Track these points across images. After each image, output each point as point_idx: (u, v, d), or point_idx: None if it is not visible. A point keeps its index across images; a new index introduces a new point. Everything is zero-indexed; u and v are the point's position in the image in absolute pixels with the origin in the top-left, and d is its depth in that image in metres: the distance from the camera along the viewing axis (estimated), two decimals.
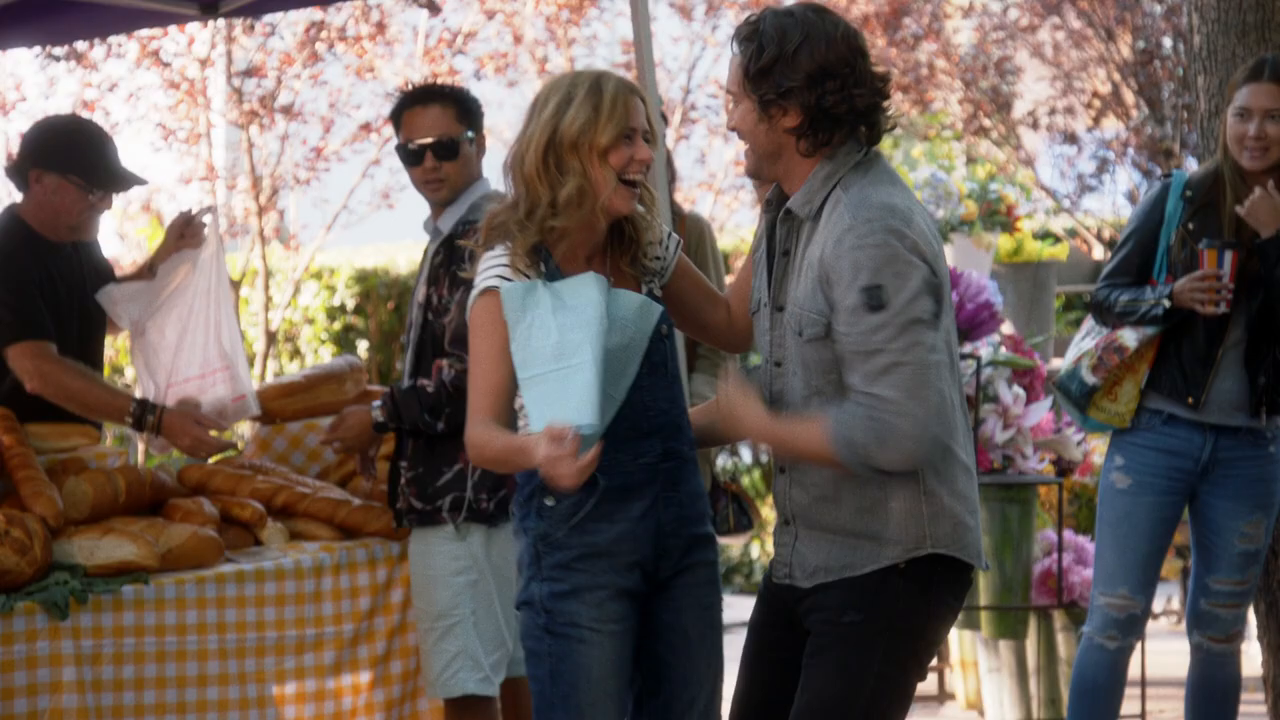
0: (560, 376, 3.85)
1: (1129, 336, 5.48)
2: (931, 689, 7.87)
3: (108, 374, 5.86)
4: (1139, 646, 6.42)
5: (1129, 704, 6.05)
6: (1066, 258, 9.51)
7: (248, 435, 6.33)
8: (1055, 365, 7.79)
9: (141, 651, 4.95)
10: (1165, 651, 7.98)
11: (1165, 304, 5.36)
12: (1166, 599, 9.69)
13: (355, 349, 12.55)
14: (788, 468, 3.97)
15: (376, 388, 6.26)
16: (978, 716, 7.52)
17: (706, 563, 4.13)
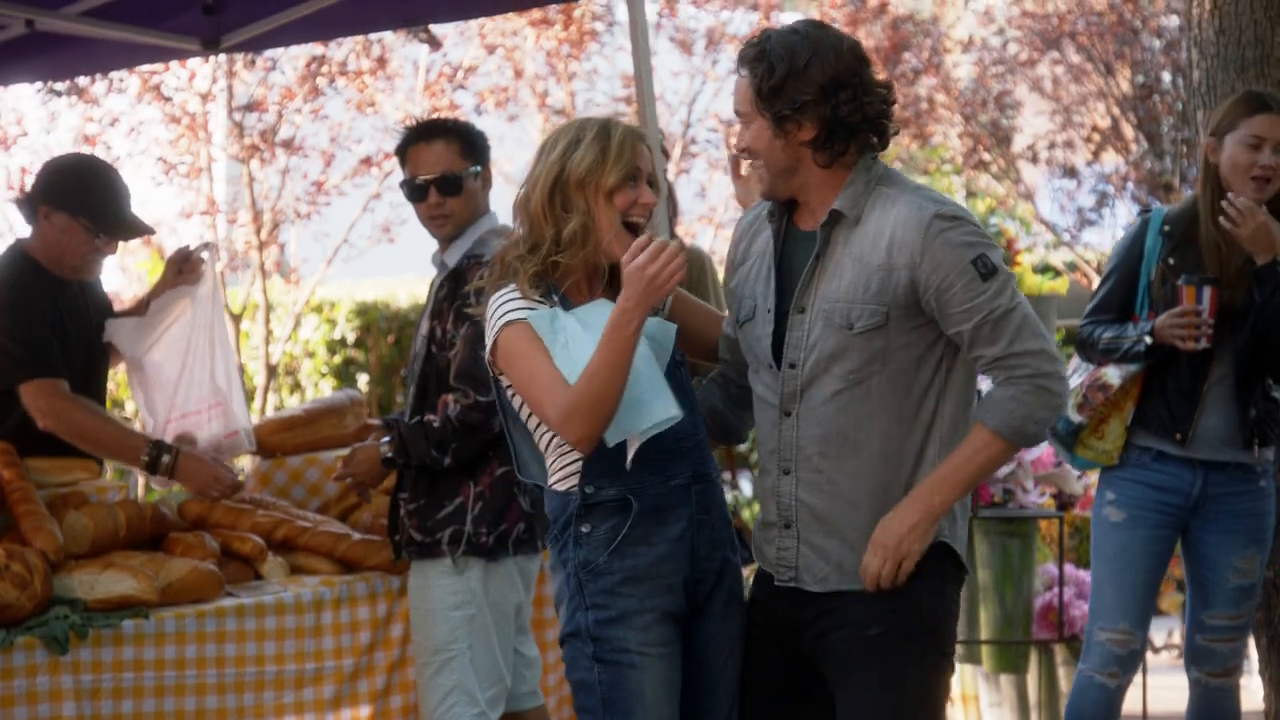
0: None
1: (1112, 374, 5.48)
2: None
3: (109, 407, 5.85)
4: (1139, 681, 6.41)
5: None
6: (1066, 291, 9.52)
7: (248, 469, 6.33)
8: None
9: (141, 686, 4.94)
10: (1167, 686, 7.96)
11: (1146, 341, 5.36)
12: (1168, 633, 9.67)
13: (355, 382, 12.55)
14: (794, 469, 3.99)
15: (377, 421, 6.26)
16: None
17: (734, 592, 4.14)
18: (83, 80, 10.67)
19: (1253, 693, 6.19)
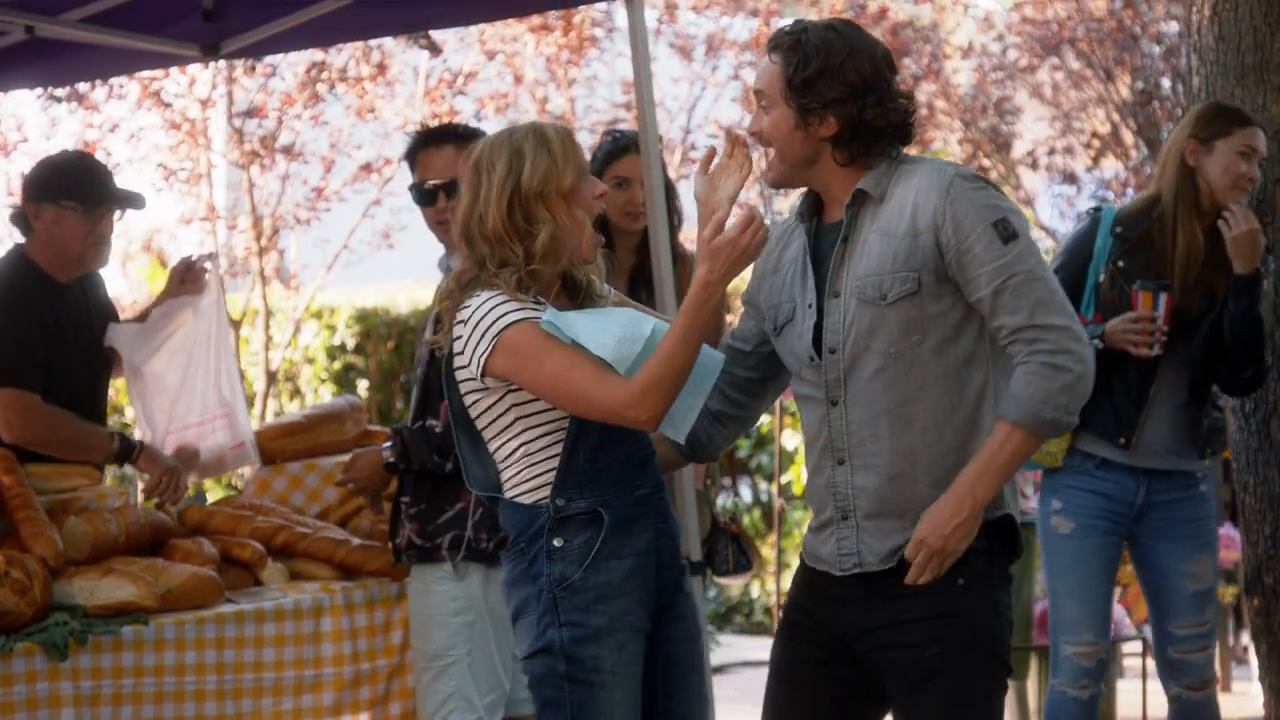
0: (653, 342, 3.91)
1: None
2: None
3: (109, 413, 5.85)
4: (1139, 686, 6.40)
5: None
6: None
7: (248, 475, 6.33)
8: None
9: (141, 693, 4.94)
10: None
11: (1097, 344, 5.35)
12: None
13: (355, 388, 12.55)
14: (848, 458, 3.98)
15: (377, 427, 6.26)
16: None
17: (687, 593, 4.16)
18: (83, 86, 10.67)
19: (1253, 698, 6.19)
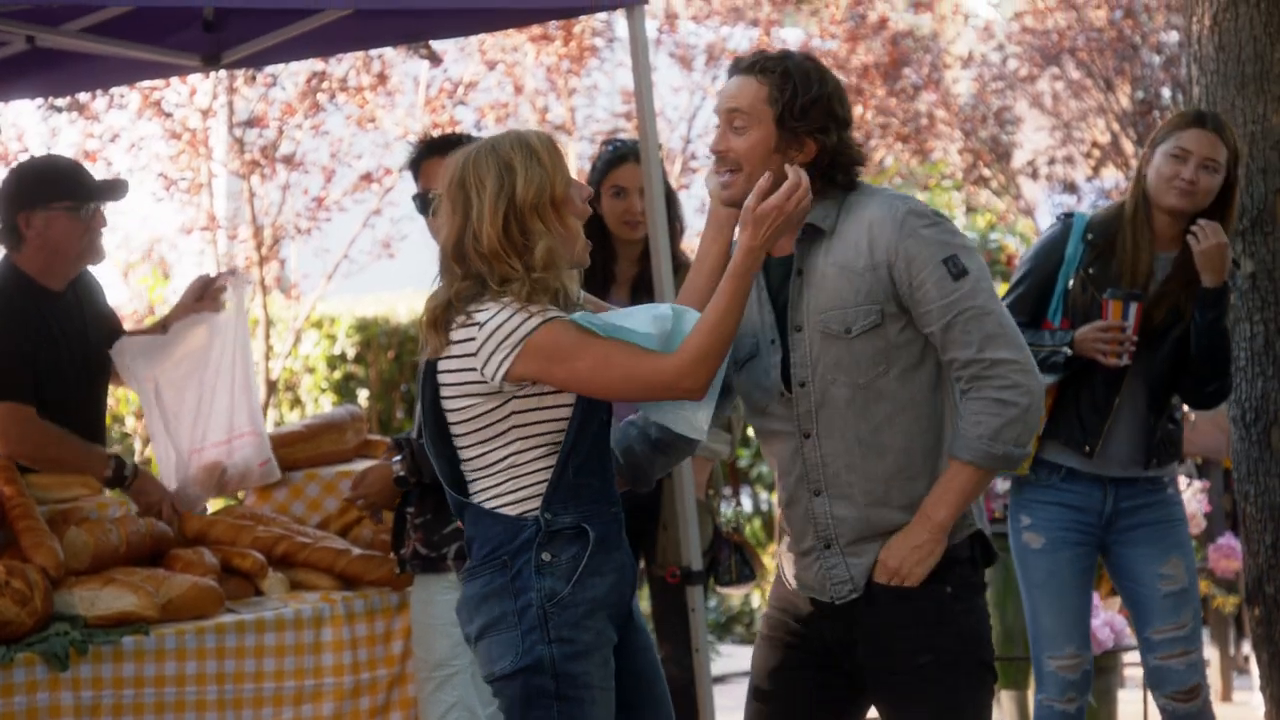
0: (681, 318, 3.93)
1: None
2: None
3: (109, 423, 5.85)
4: (1139, 695, 6.39)
5: None
6: None
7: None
8: None
9: (141, 703, 4.94)
10: None
11: (1066, 351, 5.35)
12: None
13: (355, 398, 12.54)
14: (824, 488, 4.01)
15: (377, 437, 6.26)
16: None
17: (637, 604, 4.17)
18: (83, 96, 10.67)
19: (1254, 709, 6.18)
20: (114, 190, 5.61)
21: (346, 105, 11.59)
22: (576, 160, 12.56)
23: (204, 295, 5.75)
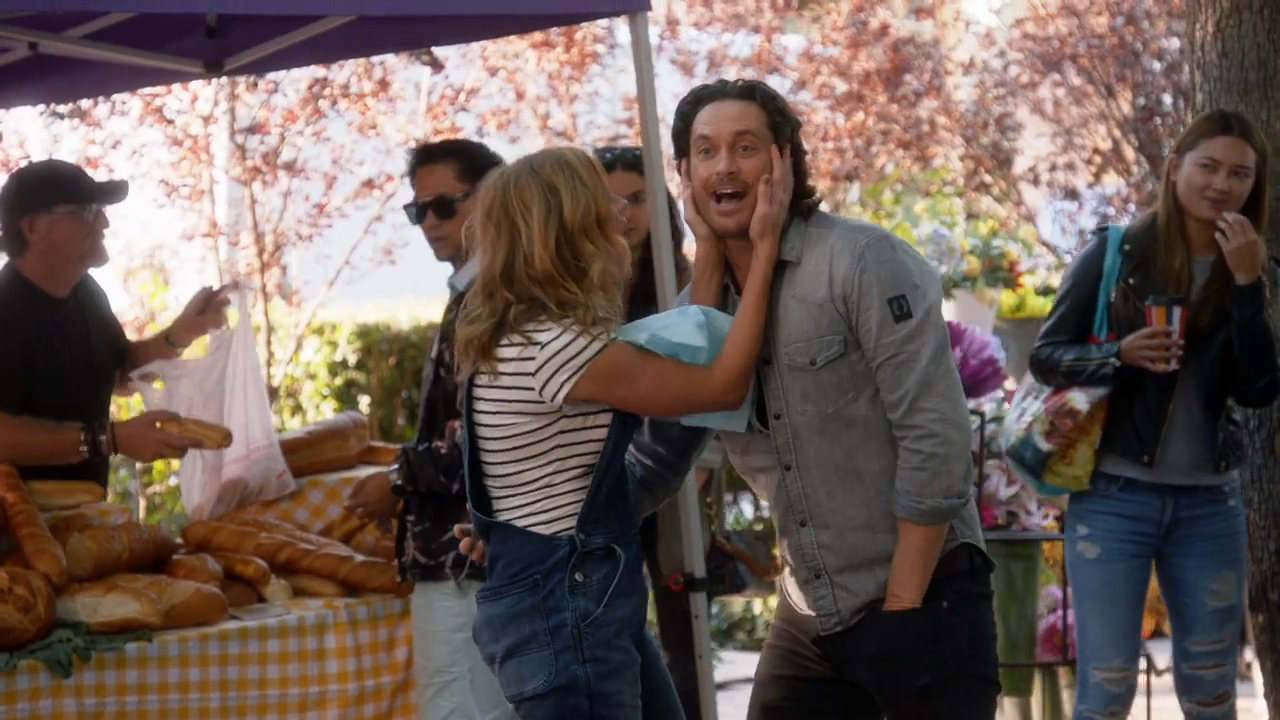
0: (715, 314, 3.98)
1: (1079, 399, 5.41)
2: None
3: None
4: (1141, 704, 6.39)
5: None
6: None
7: None
8: None
9: (144, 710, 4.94)
10: (1171, 710, 7.93)
11: (1114, 363, 5.33)
12: (1169, 658, 9.63)
13: (357, 404, 12.53)
14: (809, 519, 4.01)
15: (380, 444, 6.25)
16: None
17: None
18: (85, 103, 10.67)
19: (1256, 715, 6.17)
20: (115, 192, 5.61)
21: (348, 112, 11.59)
22: None
23: (207, 307, 5.75)
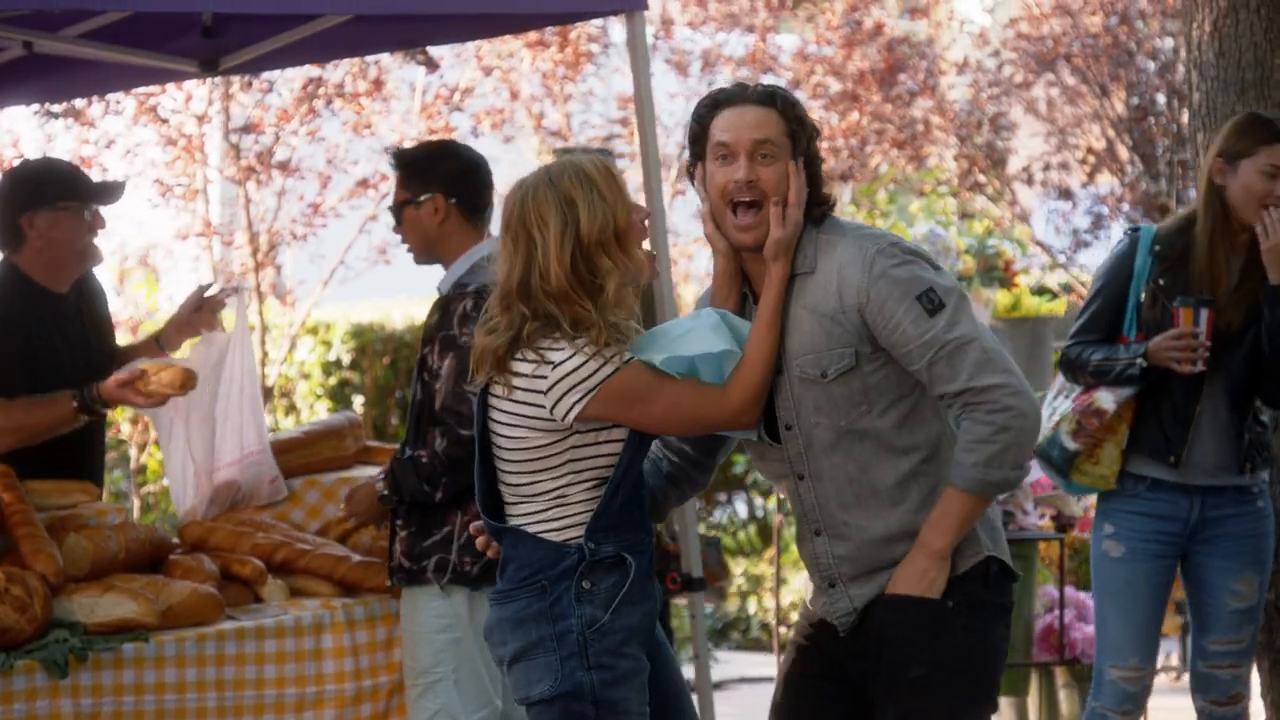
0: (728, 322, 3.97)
1: (1106, 399, 5.41)
2: None
3: (109, 429, 5.83)
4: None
5: None
6: (1064, 313, 9.52)
7: None
8: None
9: (141, 710, 4.94)
10: (1166, 709, 7.94)
11: (1141, 363, 5.32)
12: (1165, 655, 9.65)
13: (351, 404, 12.54)
14: (823, 529, 4.00)
15: (376, 444, 6.26)
16: None
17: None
18: (79, 102, 10.66)
19: (1254, 716, 6.18)
20: (112, 192, 5.61)
21: (343, 111, 11.59)
22: None
23: (201, 308, 5.74)
